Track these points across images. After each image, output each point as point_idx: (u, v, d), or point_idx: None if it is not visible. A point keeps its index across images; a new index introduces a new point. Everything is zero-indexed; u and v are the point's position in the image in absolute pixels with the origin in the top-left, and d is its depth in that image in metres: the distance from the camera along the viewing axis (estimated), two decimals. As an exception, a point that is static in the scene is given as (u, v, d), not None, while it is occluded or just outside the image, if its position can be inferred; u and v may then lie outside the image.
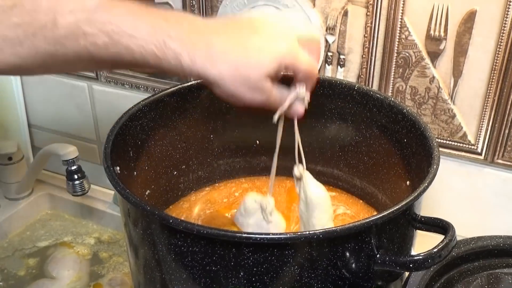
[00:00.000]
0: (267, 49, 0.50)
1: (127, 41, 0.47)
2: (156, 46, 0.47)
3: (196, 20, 0.51)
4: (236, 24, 0.53)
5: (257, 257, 0.50)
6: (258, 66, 0.49)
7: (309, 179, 0.65)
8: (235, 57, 0.49)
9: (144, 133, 0.71)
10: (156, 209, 0.51)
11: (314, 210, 0.64)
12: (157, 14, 0.49)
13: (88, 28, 0.46)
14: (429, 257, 0.53)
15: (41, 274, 0.98)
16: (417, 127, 0.67)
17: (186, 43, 0.48)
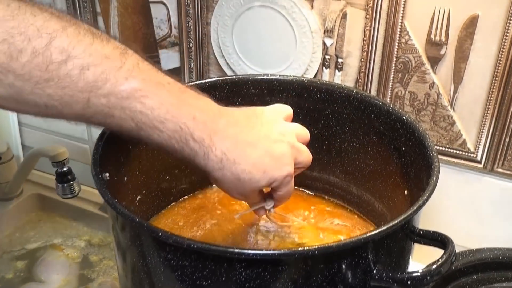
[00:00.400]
0: (270, 171, 0.54)
1: (151, 130, 0.49)
2: (177, 142, 0.50)
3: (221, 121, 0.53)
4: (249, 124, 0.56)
5: (249, 272, 0.48)
6: (256, 183, 0.54)
7: None
8: (241, 170, 0.53)
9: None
10: (144, 222, 0.49)
11: None
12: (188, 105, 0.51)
13: (118, 113, 0.48)
14: (427, 274, 0.51)
15: (29, 277, 0.96)
16: (416, 135, 0.65)
17: (205, 147, 0.51)
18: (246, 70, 0.87)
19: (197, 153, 0.51)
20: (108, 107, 0.47)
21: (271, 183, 0.56)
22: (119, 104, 0.47)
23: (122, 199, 0.67)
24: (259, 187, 0.55)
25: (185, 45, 0.89)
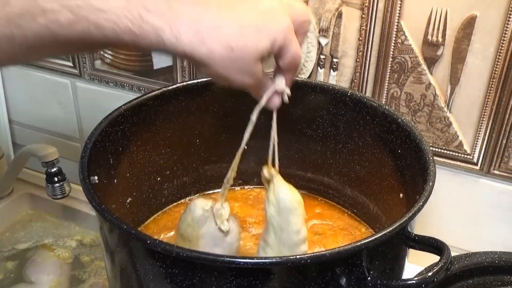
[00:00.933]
0: (265, 28, 0.45)
1: (95, 16, 0.40)
2: (131, 21, 0.40)
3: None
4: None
5: (240, 281, 0.47)
6: (254, 48, 0.44)
7: (281, 182, 0.59)
8: (229, 35, 0.43)
9: (125, 139, 0.68)
10: (133, 229, 0.48)
11: (289, 215, 0.58)
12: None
13: (47, 3, 0.39)
14: (422, 281, 0.50)
15: (19, 278, 0.95)
16: (412, 138, 0.64)
17: (167, 16, 0.41)
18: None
19: (162, 29, 0.41)
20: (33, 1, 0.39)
21: (272, 44, 0.45)
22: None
23: (112, 202, 0.66)
24: (259, 51, 0.45)
25: (178, 44, 0.88)
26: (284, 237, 0.58)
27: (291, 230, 0.58)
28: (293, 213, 0.58)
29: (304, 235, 0.59)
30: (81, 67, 0.99)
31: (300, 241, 0.58)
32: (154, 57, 0.92)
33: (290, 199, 0.58)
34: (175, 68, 0.90)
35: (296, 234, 0.58)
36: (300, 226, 0.59)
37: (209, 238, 0.59)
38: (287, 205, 0.58)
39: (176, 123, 0.74)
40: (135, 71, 0.94)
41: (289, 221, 0.58)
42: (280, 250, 0.59)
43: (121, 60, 0.95)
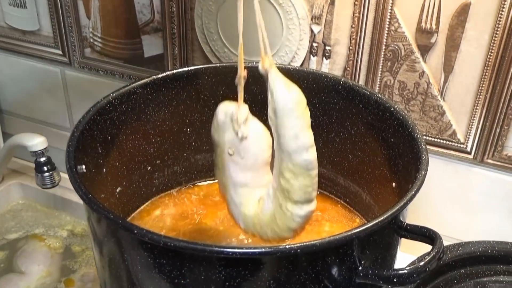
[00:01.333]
0: None
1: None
2: None
3: None
4: None
5: (229, 271, 0.47)
6: None
7: (277, 76, 0.51)
8: None
9: (114, 127, 0.67)
10: (120, 218, 0.47)
11: (284, 117, 0.51)
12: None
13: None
14: (414, 271, 0.49)
15: (9, 268, 0.94)
16: (405, 126, 0.63)
17: None
18: (231, 57, 0.84)
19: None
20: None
21: None
22: None
23: (101, 191, 0.65)
24: None
25: (168, 31, 0.86)
26: (282, 143, 0.52)
27: (288, 135, 0.51)
28: (288, 114, 0.51)
29: (305, 141, 0.51)
30: (70, 55, 0.98)
31: (299, 148, 0.51)
32: (144, 45, 0.90)
33: (285, 97, 0.50)
34: (166, 56, 0.89)
35: (294, 139, 0.51)
36: (298, 130, 0.51)
37: (231, 145, 0.54)
38: (281, 106, 0.50)
39: (166, 111, 0.73)
40: (125, 59, 0.93)
41: (284, 124, 0.51)
42: (281, 158, 0.53)
43: (111, 48, 0.93)
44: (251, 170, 0.56)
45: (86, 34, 0.95)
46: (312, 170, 0.52)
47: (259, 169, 0.56)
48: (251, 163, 0.55)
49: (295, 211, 0.53)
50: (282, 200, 0.53)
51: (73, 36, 0.96)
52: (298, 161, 0.51)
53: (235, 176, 0.57)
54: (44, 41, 0.99)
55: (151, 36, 0.89)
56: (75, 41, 0.96)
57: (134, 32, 0.90)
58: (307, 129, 0.52)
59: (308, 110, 0.52)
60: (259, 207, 0.56)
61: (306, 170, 0.52)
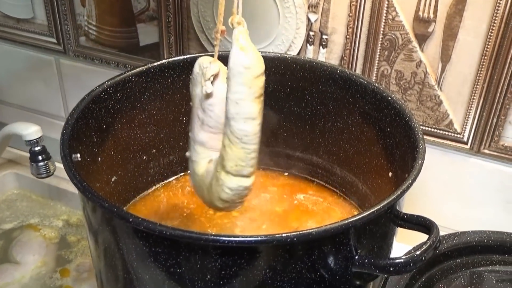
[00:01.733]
0: None
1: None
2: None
3: None
4: None
5: (225, 260, 0.46)
6: None
7: (240, 35, 0.49)
8: None
9: (109, 116, 0.66)
10: (115, 207, 0.47)
11: (231, 79, 0.49)
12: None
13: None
14: (410, 260, 0.49)
15: (4, 258, 0.94)
16: (401, 116, 0.63)
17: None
18: (227, 46, 0.84)
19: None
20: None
21: None
22: None
23: (96, 180, 0.65)
24: None
25: (164, 19, 0.86)
26: (226, 106, 0.50)
27: (230, 98, 0.49)
28: (235, 77, 0.48)
29: (245, 111, 0.49)
30: (65, 44, 0.97)
31: (238, 116, 0.49)
32: (140, 33, 0.90)
33: (236, 59, 0.48)
34: (162, 45, 0.88)
35: (234, 105, 0.49)
36: (240, 96, 0.49)
37: (199, 100, 0.53)
38: (231, 65, 0.48)
39: (162, 100, 0.72)
40: (120, 47, 0.92)
41: (230, 87, 0.49)
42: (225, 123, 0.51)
43: (106, 37, 0.93)
44: (210, 130, 0.55)
45: (81, 22, 0.94)
46: (248, 143, 0.50)
47: (219, 132, 0.54)
48: (212, 123, 0.54)
49: (226, 181, 0.52)
50: (218, 167, 0.53)
51: (68, 24, 0.95)
52: (235, 128, 0.50)
53: (196, 132, 0.56)
54: (39, 29, 0.98)
55: (146, 24, 0.88)
56: (69, 29, 0.95)
57: (129, 20, 0.89)
58: (252, 99, 0.49)
59: (261, 81, 0.50)
60: (206, 168, 0.56)
61: (241, 141, 0.50)
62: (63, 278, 0.90)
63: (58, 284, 0.89)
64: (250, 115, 0.49)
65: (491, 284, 0.61)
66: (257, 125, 0.50)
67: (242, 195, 0.54)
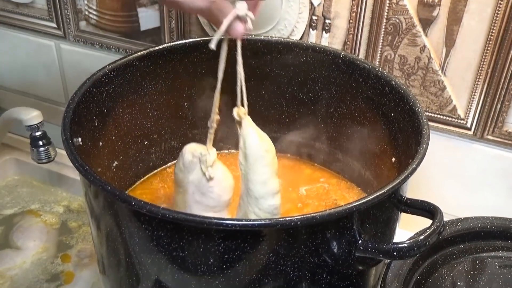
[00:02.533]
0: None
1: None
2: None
3: None
4: None
5: (228, 243, 0.46)
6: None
7: (250, 125, 0.55)
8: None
9: (111, 100, 0.66)
10: (117, 190, 0.46)
11: (254, 164, 0.54)
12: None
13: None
14: (414, 245, 0.49)
15: (5, 244, 0.94)
16: (405, 101, 0.62)
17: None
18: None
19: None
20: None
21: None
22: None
23: (97, 165, 0.64)
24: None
25: (165, 3, 0.85)
26: (250, 188, 0.55)
27: (256, 180, 0.55)
28: (258, 161, 0.54)
29: (272, 188, 0.55)
30: (65, 28, 0.96)
31: (267, 194, 0.55)
32: (141, 18, 0.89)
33: (256, 145, 0.54)
34: (163, 30, 0.87)
35: (262, 185, 0.54)
36: (266, 177, 0.55)
37: (197, 186, 0.57)
38: (253, 152, 0.54)
39: (163, 85, 0.72)
40: (121, 32, 0.91)
41: (254, 170, 0.54)
42: (248, 201, 0.56)
43: (107, 21, 0.92)
44: (212, 210, 0.58)
45: (81, 7, 0.93)
46: (277, 214, 0.56)
47: (220, 211, 0.58)
48: (213, 203, 0.58)
49: None
50: None
51: (68, 9, 0.94)
52: (265, 206, 0.55)
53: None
54: (38, 13, 0.97)
55: (147, 8, 0.87)
56: (70, 13, 0.94)
57: (130, 5, 0.88)
58: (275, 177, 0.56)
59: (276, 159, 0.56)
60: None
61: (272, 214, 0.56)
62: (64, 264, 0.90)
63: (59, 270, 0.89)
64: (276, 190, 0.55)
65: (494, 270, 0.60)
66: (280, 196, 0.56)
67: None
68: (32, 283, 0.86)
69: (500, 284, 0.58)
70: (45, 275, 0.88)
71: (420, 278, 0.60)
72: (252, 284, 0.49)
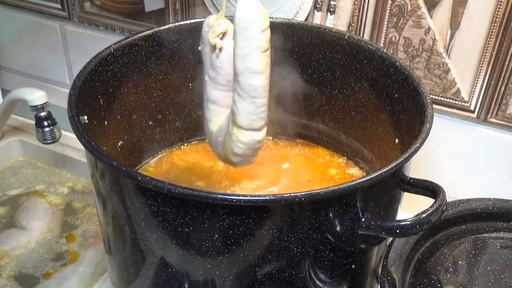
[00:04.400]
0: None
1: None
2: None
3: None
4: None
5: (233, 219, 0.47)
6: None
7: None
8: None
9: (116, 80, 0.66)
10: (123, 165, 0.47)
11: (237, 35, 0.49)
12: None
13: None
14: (417, 222, 0.49)
15: (10, 223, 0.95)
16: (409, 82, 0.62)
17: None
18: (233, 11, 0.83)
19: None
20: None
21: None
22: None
23: (102, 144, 0.65)
24: None
25: (170, -16, 0.85)
26: (234, 62, 0.51)
27: (237, 54, 0.50)
28: (241, 32, 0.49)
29: (253, 65, 0.50)
30: (70, 10, 0.96)
31: (245, 71, 0.50)
32: (145, -1, 0.89)
33: (241, 14, 0.49)
34: (167, 11, 0.87)
35: (242, 60, 0.50)
36: (247, 51, 0.49)
37: (209, 59, 0.54)
38: (236, 21, 0.49)
39: (168, 65, 0.72)
40: (126, 13, 0.91)
41: (237, 43, 0.50)
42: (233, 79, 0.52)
43: (111, 2, 0.92)
44: (222, 88, 0.56)
45: (85, -12, 0.93)
46: (256, 97, 0.51)
47: (230, 89, 0.55)
48: (222, 81, 0.55)
49: (238, 135, 0.54)
50: (230, 122, 0.54)
51: (73, -10, 0.94)
52: (243, 83, 0.51)
53: (209, 91, 0.58)
54: (43, -6, 0.97)
55: (152, -11, 0.87)
56: (74, -5, 0.94)
57: (135, -14, 0.88)
58: (259, 53, 0.50)
59: (266, 35, 0.50)
60: (220, 125, 0.58)
61: (250, 96, 0.51)
62: (69, 243, 0.91)
63: (64, 249, 0.90)
64: (258, 69, 0.50)
65: (495, 250, 0.61)
66: (265, 78, 0.51)
67: (255, 149, 0.55)
68: (38, 262, 0.87)
69: (501, 263, 0.58)
70: (50, 255, 0.89)
71: (422, 257, 0.60)
72: (256, 260, 0.50)
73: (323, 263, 0.53)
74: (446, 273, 0.58)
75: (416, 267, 0.59)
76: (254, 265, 0.50)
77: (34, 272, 0.86)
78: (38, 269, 0.86)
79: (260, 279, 0.51)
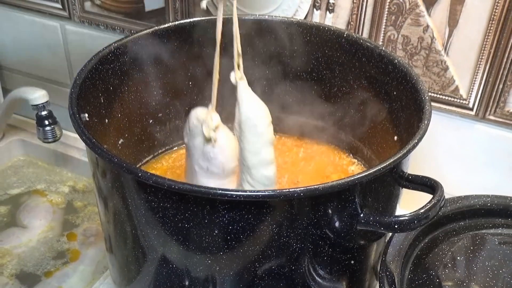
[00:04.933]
0: None
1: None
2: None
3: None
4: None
5: (232, 215, 0.47)
6: None
7: (244, 91, 0.52)
8: None
9: (116, 78, 0.66)
10: (124, 161, 0.47)
11: (246, 132, 0.52)
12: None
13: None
14: (415, 218, 0.50)
15: (12, 222, 0.95)
16: (408, 79, 0.63)
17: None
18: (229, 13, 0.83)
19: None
20: None
21: None
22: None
23: (103, 141, 0.65)
24: None
25: (170, -17, 0.85)
26: (243, 156, 0.53)
27: (248, 149, 0.53)
28: (251, 129, 0.52)
29: (265, 158, 0.53)
30: (70, 9, 0.97)
31: (259, 164, 0.53)
32: (145, -2, 0.89)
33: (249, 112, 0.51)
34: (167, 10, 0.88)
35: (254, 154, 0.52)
36: (259, 146, 0.52)
37: (201, 150, 0.56)
38: (245, 119, 0.51)
39: (168, 64, 0.72)
40: (126, 13, 0.92)
41: (247, 138, 0.52)
42: (242, 170, 0.54)
43: (112, 2, 0.92)
44: (216, 177, 0.57)
45: (86, -12, 0.93)
46: (270, 186, 0.54)
47: (225, 178, 0.57)
48: (217, 171, 0.56)
49: None
50: None
51: (73, -11, 0.94)
52: (257, 175, 0.53)
53: (201, 181, 0.58)
54: (43, -6, 0.98)
55: (152, -11, 0.88)
56: (75, -6, 0.95)
57: (135, -15, 0.88)
58: (268, 146, 0.53)
59: (271, 127, 0.53)
60: None
61: (264, 185, 0.54)
62: (70, 242, 0.91)
63: (65, 248, 0.90)
64: (269, 160, 0.53)
65: (493, 246, 0.61)
66: (275, 167, 0.54)
67: None
68: (39, 261, 0.88)
69: (499, 259, 0.59)
70: (51, 253, 0.89)
71: (421, 253, 0.61)
72: (256, 256, 0.50)
73: (323, 259, 0.53)
74: (445, 268, 0.58)
75: (415, 263, 0.60)
76: (254, 260, 0.50)
77: (35, 270, 0.86)
78: (39, 268, 0.87)
79: (260, 274, 0.51)
